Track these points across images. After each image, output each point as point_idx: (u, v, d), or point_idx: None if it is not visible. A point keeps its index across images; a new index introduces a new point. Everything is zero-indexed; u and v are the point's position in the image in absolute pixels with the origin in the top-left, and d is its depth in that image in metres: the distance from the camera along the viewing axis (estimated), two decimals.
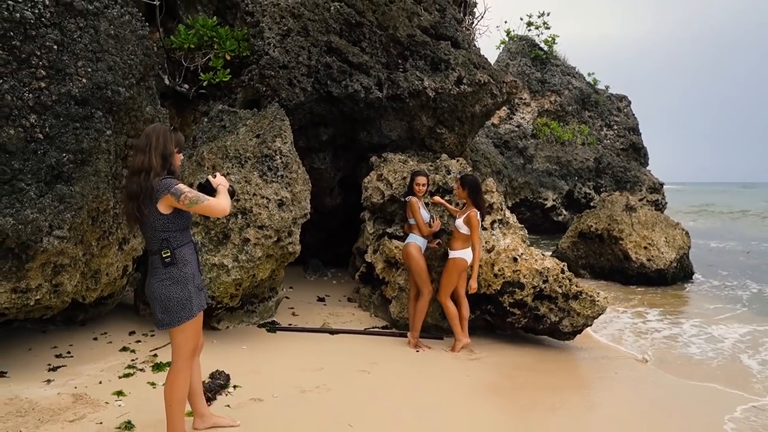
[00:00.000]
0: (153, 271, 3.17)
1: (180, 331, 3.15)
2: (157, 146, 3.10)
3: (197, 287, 3.20)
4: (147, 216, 3.06)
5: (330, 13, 8.10)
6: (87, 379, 4.18)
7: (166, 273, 3.12)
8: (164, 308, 3.12)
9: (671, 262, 11.36)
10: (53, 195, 3.98)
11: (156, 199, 3.04)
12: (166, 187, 3.04)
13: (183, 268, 3.12)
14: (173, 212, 3.11)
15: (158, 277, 3.13)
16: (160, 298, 3.11)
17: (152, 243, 3.15)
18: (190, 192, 3.06)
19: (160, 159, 3.09)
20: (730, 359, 6.34)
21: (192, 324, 3.17)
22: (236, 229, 5.26)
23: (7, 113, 3.87)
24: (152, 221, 3.08)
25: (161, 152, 3.10)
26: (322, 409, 4.05)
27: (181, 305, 3.11)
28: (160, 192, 3.03)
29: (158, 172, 3.07)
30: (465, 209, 5.81)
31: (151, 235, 3.14)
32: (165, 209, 3.08)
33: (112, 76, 4.39)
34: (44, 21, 4.04)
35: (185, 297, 3.12)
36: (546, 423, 4.32)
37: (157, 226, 3.10)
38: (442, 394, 4.63)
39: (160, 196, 3.04)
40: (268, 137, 5.76)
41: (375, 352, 5.59)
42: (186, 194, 3.04)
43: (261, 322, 6.06)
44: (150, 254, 3.20)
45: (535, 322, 6.15)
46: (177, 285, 3.11)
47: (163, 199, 3.05)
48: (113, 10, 4.51)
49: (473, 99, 8.58)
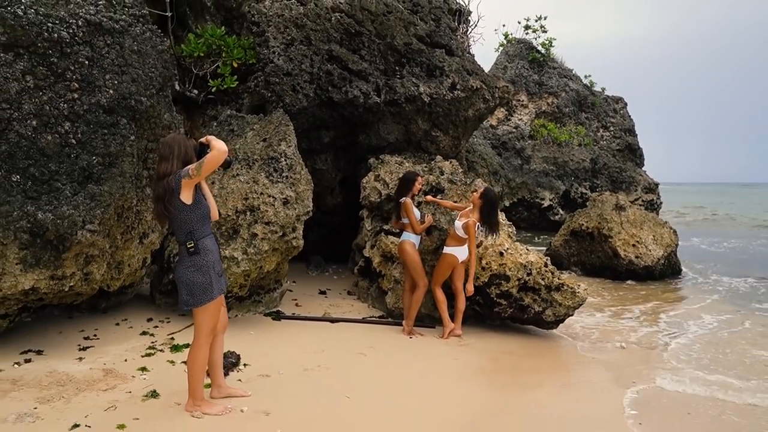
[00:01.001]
0: (180, 259, 3.69)
1: (202, 311, 3.66)
2: (179, 154, 3.60)
3: (218, 273, 3.71)
4: (173, 212, 3.57)
5: (331, 23, 8.61)
6: (113, 357, 4.70)
7: (191, 261, 3.63)
8: (189, 291, 3.63)
9: (659, 259, 11.83)
10: (85, 193, 4.50)
11: (177, 191, 3.53)
12: (179, 176, 3.53)
13: (205, 257, 3.63)
14: (194, 201, 3.61)
15: (184, 265, 3.64)
16: (186, 282, 3.62)
17: (179, 235, 3.67)
18: (192, 165, 3.54)
19: (181, 165, 3.59)
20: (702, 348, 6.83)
21: (212, 305, 3.68)
22: (245, 224, 5.78)
23: (46, 121, 4.39)
24: (178, 215, 3.59)
25: (182, 159, 3.60)
26: (322, 384, 4.56)
27: (203, 289, 3.62)
28: (178, 182, 3.52)
29: (176, 173, 3.56)
30: (468, 213, 6.28)
31: (178, 228, 3.65)
32: (186, 197, 3.56)
33: (135, 87, 4.91)
34: (77, 39, 4.56)
35: (207, 282, 3.63)
36: (524, 398, 4.82)
37: (182, 219, 3.59)
38: (431, 374, 5.14)
39: (179, 185, 3.52)
40: (274, 141, 6.28)
41: (372, 338, 6.10)
42: (190, 168, 3.52)
43: (266, 311, 6.57)
44: (179, 246, 3.72)
45: (520, 312, 6.65)
46: (200, 272, 3.62)
47: (182, 187, 3.53)
48: (136, 28, 5.03)
49: (466, 104, 9.09)
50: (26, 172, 4.30)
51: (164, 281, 6.06)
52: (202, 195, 3.74)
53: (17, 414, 3.51)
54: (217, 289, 3.70)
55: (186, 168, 3.54)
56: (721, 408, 4.83)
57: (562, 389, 5.13)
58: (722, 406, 4.88)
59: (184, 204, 3.57)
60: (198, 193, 3.68)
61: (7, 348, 4.63)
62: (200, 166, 3.51)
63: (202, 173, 3.54)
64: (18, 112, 4.28)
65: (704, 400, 5.02)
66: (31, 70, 4.34)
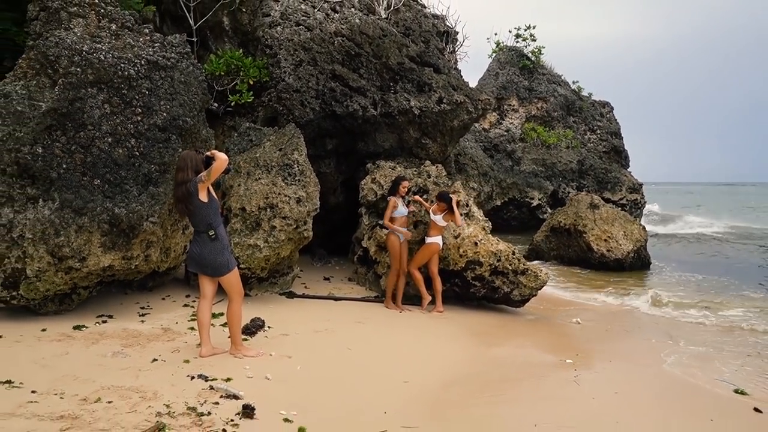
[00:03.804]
0: (203, 245, 4.91)
1: (227, 278, 4.96)
2: (192, 165, 4.86)
3: (230, 250, 5.03)
4: (195, 208, 4.82)
5: (334, 46, 9.97)
6: (167, 321, 6.06)
7: (212, 246, 4.90)
8: (214, 269, 4.91)
9: (628, 252, 13.19)
10: (147, 194, 5.86)
11: (196, 193, 4.79)
12: (195, 181, 4.79)
13: (222, 241, 4.94)
14: (209, 199, 4.88)
15: (208, 249, 4.89)
16: (212, 263, 4.89)
17: (201, 226, 4.91)
18: (203, 172, 4.78)
19: (194, 173, 4.84)
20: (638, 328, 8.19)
21: (234, 272, 4.99)
22: (266, 219, 7.14)
23: (118, 138, 5.75)
24: (199, 211, 4.83)
25: (194, 169, 4.85)
26: (329, 341, 5.93)
27: (225, 264, 4.92)
28: (195, 186, 4.78)
29: (192, 179, 4.82)
30: (437, 209, 7.64)
31: (199, 221, 4.88)
32: (203, 197, 4.83)
33: (182, 110, 6.27)
34: (141, 75, 5.92)
35: (226, 258, 4.93)
36: (491, 352, 6.19)
37: (203, 213, 4.86)
38: (419, 337, 6.52)
39: (196, 188, 4.77)
40: (288, 150, 7.64)
41: (369, 312, 7.46)
42: (202, 174, 4.78)
43: (281, 292, 7.92)
44: (198, 234, 4.95)
45: (492, 292, 8.00)
46: (221, 253, 4.90)
47: (199, 189, 4.78)
48: (182, 63, 6.38)
49: (452, 115, 10.43)
50: (104, 178, 5.66)
51: None
52: (213, 195, 5.00)
53: (112, 352, 4.87)
54: (233, 262, 5.02)
55: (199, 175, 4.81)
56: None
57: (521, 347, 6.50)
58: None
59: (203, 202, 4.83)
60: (210, 192, 4.94)
61: (86, 312, 5.99)
62: (209, 172, 4.77)
63: (211, 178, 4.79)
64: (99, 131, 5.64)
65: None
66: (108, 100, 5.70)
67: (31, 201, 5.43)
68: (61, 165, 5.48)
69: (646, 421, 4.47)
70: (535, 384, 5.25)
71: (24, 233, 5.36)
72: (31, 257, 5.38)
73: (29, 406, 3.68)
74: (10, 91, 5.42)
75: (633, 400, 4.90)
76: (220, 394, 4.14)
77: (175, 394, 4.07)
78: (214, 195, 5.02)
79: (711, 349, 6.79)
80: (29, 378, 4.14)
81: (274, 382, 4.57)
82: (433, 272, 7.71)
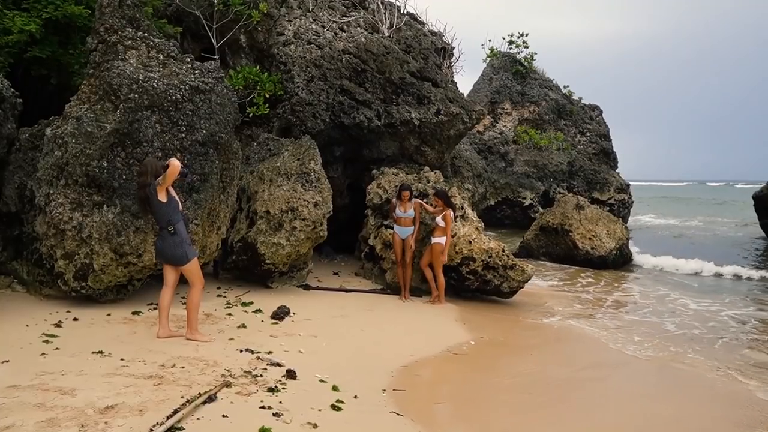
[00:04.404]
0: (164, 239, 5.75)
1: (187, 268, 5.79)
2: (152, 171, 5.74)
3: (188, 244, 5.84)
4: (155, 207, 5.69)
5: (342, 63, 11.01)
6: (207, 308, 7.10)
7: (171, 239, 5.73)
8: (175, 260, 5.75)
9: (611, 250, 14.30)
10: (191, 200, 6.90)
11: (155, 194, 5.65)
12: (154, 185, 5.65)
13: (181, 236, 5.73)
14: (168, 199, 5.72)
15: (167, 243, 5.73)
16: (172, 255, 5.72)
17: (161, 222, 5.74)
18: (160, 177, 5.62)
19: (153, 178, 5.73)
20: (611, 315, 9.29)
21: (194, 262, 5.81)
22: (288, 220, 8.19)
23: (167, 153, 6.78)
24: (159, 209, 5.68)
25: (154, 174, 5.73)
26: (345, 324, 7.00)
27: (183, 255, 5.74)
28: (153, 188, 5.65)
29: (151, 182, 5.73)
30: (439, 210, 8.71)
31: (160, 218, 5.73)
32: (162, 197, 5.68)
33: (218, 127, 7.30)
34: (185, 98, 6.95)
35: (184, 251, 5.75)
36: (480, 332, 7.27)
37: (162, 212, 5.70)
38: (422, 320, 7.63)
39: (155, 191, 5.63)
40: (305, 160, 8.70)
41: (377, 301, 8.53)
42: (158, 180, 5.62)
43: (298, 284, 8.98)
44: (161, 230, 5.81)
45: (484, 284, 9.07)
46: (179, 245, 5.73)
47: (158, 191, 5.62)
48: (218, 87, 7.41)
49: (448, 125, 11.49)
50: None
51: (228, 261, 8.48)
52: (172, 195, 5.83)
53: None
54: (192, 253, 5.85)
55: (157, 178, 5.70)
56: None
57: (510, 329, 7.60)
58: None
59: (161, 202, 5.70)
60: (169, 193, 5.79)
61: (138, 301, 7.03)
62: (164, 177, 5.66)
63: (167, 181, 5.67)
64: (151, 147, 6.68)
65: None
66: (159, 120, 6.73)
67: (97, 206, 6.46)
68: (121, 176, 6.52)
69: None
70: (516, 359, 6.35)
71: (92, 233, 6.40)
72: (97, 254, 6.42)
73: (123, 369, 4.74)
74: (81, 115, 6.45)
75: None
76: (266, 363, 5.21)
77: (231, 363, 5.14)
78: (174, 195, 5.83)
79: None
80: (114, 350, 5.19)
81: (306, 354, 5.64)
82: (437, 270, 8.76)
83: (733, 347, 7.36)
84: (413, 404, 4.76)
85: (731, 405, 5.34)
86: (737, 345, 7.49)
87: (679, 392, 5.68)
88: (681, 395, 5.59)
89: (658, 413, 5.00)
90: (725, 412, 5.15)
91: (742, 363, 6.64)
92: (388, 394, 4.88)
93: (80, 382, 4.39)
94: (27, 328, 5.76)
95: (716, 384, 5.92)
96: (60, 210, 6.47)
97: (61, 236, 6.51)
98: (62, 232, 6.49)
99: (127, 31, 7.09)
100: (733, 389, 5.77)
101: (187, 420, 3.86)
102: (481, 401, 5.05)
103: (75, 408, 3.91)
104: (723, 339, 7.72)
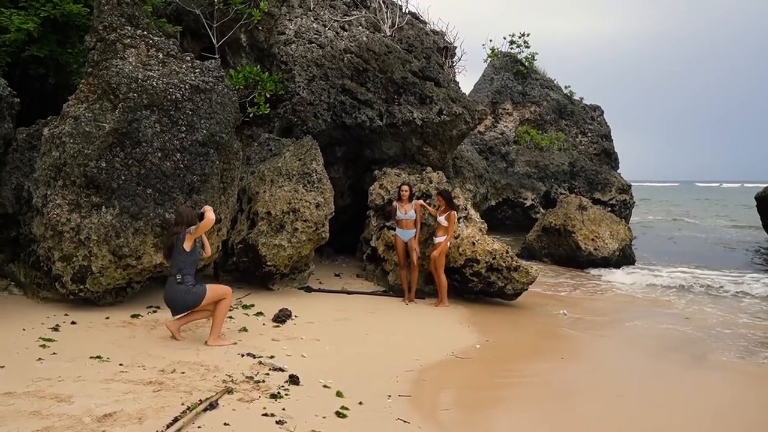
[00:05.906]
0: (170, 288, 5.68)
1: (206, 301, 5.68)
2: (186, 221, 5.74)
3: (193, 284, 5.67)
4: (176, 253, 5.65)
5: (344, 62, 10.89)
6: None
7: (177, 288, 5.66)
8: (186, 307, 5.67)
9: (614, 251, 14.18)
10: (191, 201, 6.78)
11: (182, 241, 5.62)
12: (185, 232, 5.65)
13: (186, 285, 5.62)
14: (191, 250, 5.67)
15: (174, 292, 5.64)
16: (184, 303, 5.65)
17: (173, 269, 5.73)
18: (192, 227, 5.67)
19: (186, 227, 5.69)
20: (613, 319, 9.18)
21: (208, 296, 5.69)
22: (289, 221, 8.07)
23: (166, 153, 6.66)
24: (178, 256, 5.65)
25: (188, 223, 5.73)
26: (348, 327, 6.88)
27: (197, 297, 5.67)
28: (184, 235, 5.63)
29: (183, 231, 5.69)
30: (442, 211, 8.59)
31: (173, 264, 5.70)
32: (188, 246, 5.63)
33: (218, 127, 7.18)
34: (185, 97, 6.83)
35: (194, 294, 5.64)
36: (489, 332, 7.15)
37: (179, 260, 5.66)
38: (426, 322, 7.51)
39: (184, 237, 5.62)
40: (307, 160, 8.58)
41: (379, 304, 8.41)
42: (190, 229, 5.66)
43: (299, 287, 8.86)
44: (169, 275, 5.77)
45: (488, 286, 8.95)
46: (188, 293, 5.63)
47: (186, 239, 5.63)
48: (218, 86, 7.29)
49: (451, 125, 11.37)
50: (155, 187, 6.58)
51: (228, 263, 8.35)
52: (197, 246, 5.81)
53: (170, 335, 5.80)
54: (201, 288, 5.72)
55: (188, 229, 5.68)
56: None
57: (513, 331, 7.48)
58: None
59: (185, 251, 5.67)
60: (195, 244, 5.76)
61: (137, 304, 6.91)
62: (198, 227, 5.67)
63: (198, 232, 5.70)
64: (151, 147, 6.56)
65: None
66: (159, 120, 6.61)
67: (96, 208, 6.35)
68: (120, 177, 6.40)
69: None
70: (523, 363, 6.23)
71: (90, 235, 6.28)
72: (95, 256, 6.30)
73: (122, 374, 4.61)
74: (79, 114, 6.33)
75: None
76: (268, 368, 5.09)
77: (232, 368, 5.02)
78: (198, 248, 5.84)
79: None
80: (113, 354, 5.07)
81: (309, 358, 5.52)
82: (439, 270, 8.64)
83: (748, 351, 7.25)
84: (419, 411, 4.64)
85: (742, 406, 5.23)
86: (745, 348, 7.38)
87: (691, 398, 5.56)
88: (692, 401, 5.48)
89: (675, 420, 4.89)
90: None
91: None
92: (393, 400, 4.76)
93: (77, 388, 4.27)
94: (24, 332, 5.64)
95: (714, 387, 5.80)
96: (58, 211, 6.36)
97: (59, 238, 6.39)
98: (60, 233, 6.37)
99: (126, 30, 6.97)
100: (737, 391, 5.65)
101: (188, 428, 3.74)
102: (488, 407, 4.93)
103: (72, 416, 3.79)
104: (727, 343, 7.61)
